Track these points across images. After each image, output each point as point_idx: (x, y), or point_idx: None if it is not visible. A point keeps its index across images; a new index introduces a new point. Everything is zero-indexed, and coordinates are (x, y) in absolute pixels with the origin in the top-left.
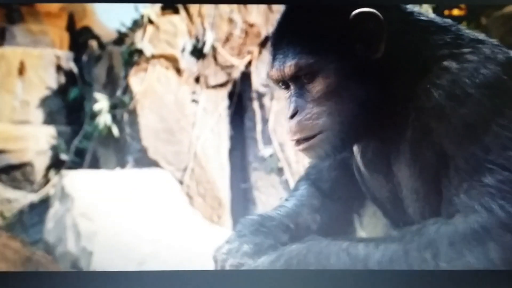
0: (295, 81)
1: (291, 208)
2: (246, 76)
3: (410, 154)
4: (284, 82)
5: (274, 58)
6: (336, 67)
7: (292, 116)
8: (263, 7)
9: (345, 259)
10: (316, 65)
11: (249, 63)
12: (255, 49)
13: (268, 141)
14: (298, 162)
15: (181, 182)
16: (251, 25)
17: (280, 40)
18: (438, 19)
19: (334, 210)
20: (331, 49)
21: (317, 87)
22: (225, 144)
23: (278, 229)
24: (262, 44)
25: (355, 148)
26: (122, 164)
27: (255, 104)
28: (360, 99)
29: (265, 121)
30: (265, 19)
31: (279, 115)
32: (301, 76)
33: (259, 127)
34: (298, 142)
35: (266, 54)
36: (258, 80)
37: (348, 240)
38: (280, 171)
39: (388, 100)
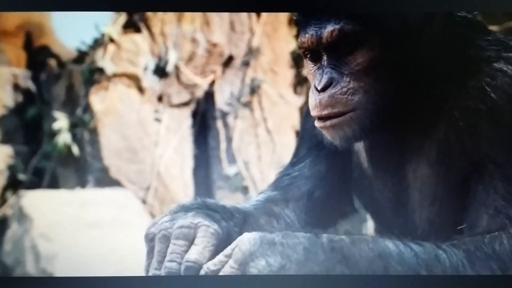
0: (331, 50)
1: (243, 207)
2: (209, 95)
3: (437, 155)
4: (315, 52)
5: (307, 24)
6: (383, 40)
7: (324, 89)
8: (226, 27)
9: (408, 262)
10: (362, 34)
11: (213, 82)
12: (219, 69)
13: (232, 159)
14: (263, 180)
15: (144, 202)
16: (214, 45)
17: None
18: (472, 16)
19: (297, 221)
20: (380, 20)
21: (358, 59)
22: (189, 163)
23: (224, 212)
24: (226, 64)
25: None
26: (83, 184)
27: (219, 123)
28: (399, 80)
29: (229, 139)
30: (228, 39)
31: (243, 133)
32: (341, 45)
33: (223, 145)
34: (323, 118)
35: (230, 73)
36: (222, 99)
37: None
38: (244, 189)
39: (422, 93)
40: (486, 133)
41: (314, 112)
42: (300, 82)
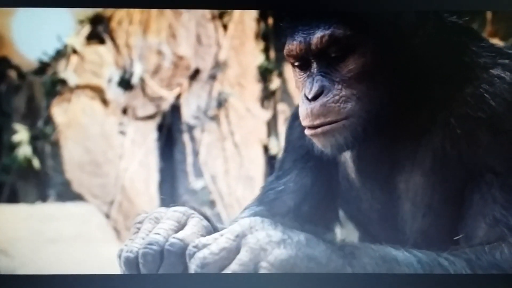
0: (321, 57)
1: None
2: (175, 108)
3: (432, 164)
4: (303, 60)
5: (294, 31)
6: (375, 45)
7: (315, 98)
8: (192, 40)
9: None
10: (354, 39)
11: (179, 95)
12: (185, 82)
13: (199, 173)
14: (231, 195)
15: (107, 216)
16: (181, 58)
17: (305, 10)
18: (463, 22)
19: None
20: (372, 24)
21: (350, 65)
22: (154, 176)
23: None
24: (192, 77)
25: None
26: (43, 198)
27: (186, 137)
28: (393, 87)
29: (195, 153)
30: (195, 52)
31: (210, 147)
32: (331, 51)
33: (189, 159)
34: (314, 127)
35: (197, 86)
36: (188, 112)
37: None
38: (212, 204)
39: (416, 100)
40: (485, 141)
41: (305, 122)
42: (268, 96)
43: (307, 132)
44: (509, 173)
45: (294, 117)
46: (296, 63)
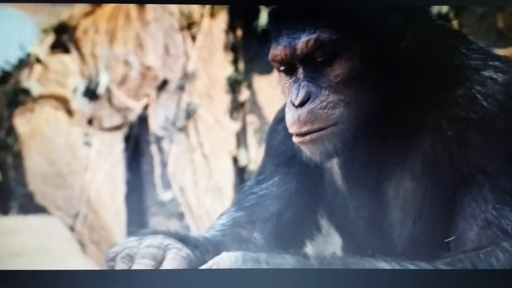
0: (307, 62)
1: (212, 236)
2: (143, 119)
3: (423, 168)
4: (289, 65)
5: (279, 35)
6: (362, 49)
7: (302, 104)
8: (160, 50)
9: None
10: (340, 43)
11: (146, 106)
12: (153, 92)
13: (167, 185)
14: (200, 207)
15: (72, 229)
16: (148, 68)
17: (289, 14)
18: (451, 25)
19: (265, 244)
20: (358, 27)
21: (337, 70)
22: (121, 188)
23: (197, 242)
24: (160, 87)
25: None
26: (5, 211)
27: (153, 148)
28: (382, 90)
29: (164, 164)
30: (163, 63)
31: (178, 158)
32: (317, 56)
33: (157, 171)
34: (302, 134)
35: (165, 97)
36: (156, 123)
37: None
38: (180, 216)
39: (405, 103)
40: (477, 142)
41: (292, 129)
42: (237, 107)
43: (295, 139)
44: (500, 174)
45: (278, 121)
46: (282, 68)
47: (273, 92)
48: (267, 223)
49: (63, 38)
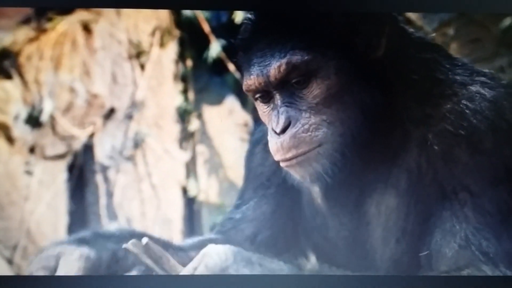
0: (283, 88)
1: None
2: (88, 148)
3: (408, 185)
4: (264, 92)
5: (250, 64)
6: (337, 65)
7: (284, 130)
8: (107, 78)
9: None
10: (313, 63)
11: (92, 134)
12: (99, 120)
13: (113, 216)
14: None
15: (10, 262)
16: (95, 96)
17: (257, 41)
18: (430, 38)
19: None
20: (329, 44)
21: (314, 91)
22: (64, 219)
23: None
24: (107, 116)
25: None
26: None
27: (99, 177)
28: (364, 105)
29: (109, 195)
30: (110, 91)
31: (125, 188)
32: (292, 79)
33: (103, 201)
34: (289, 159)
35: (111, 125)
36: (102, 152)
37: None
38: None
39: (388, 118)
40: (463, 159)
41: (277, 157)
42: (186, 137)
43: (283, 165)
44: (484, 194)
45: (254, 144)
46: (258, 97)
47: (223, 122)
48: (241, 246)
49: (5, 64)
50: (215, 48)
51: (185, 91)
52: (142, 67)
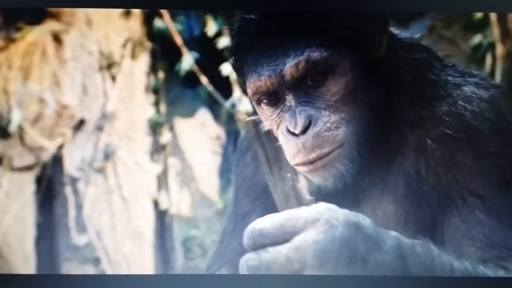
0: (297, 87)
1: None
2: (57, 160)
3: (406, 190)
4: (272, 94)
5: (257, 65)
6: (351, 62)
7: (305, 130)
8: (78, 89)
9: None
10: (331, 60)
11: (61, 146)
12: (68, 132)
13: (82, 228)
14: (118, 251)
15: None
16: (64, 107)
17: (262, 41)
18: (417, 40)
19: None
20: (341, 41)
21: (332, 88)
22: (31, 232)
23: None
24: (77, 127)
25: (302, 181)
26: None
27: (68, 189)
28: (373, 104)
29: (79, 207)
30: (80, 102)
31: (95, 201)
32: (308, 77)
33: (72, 213)
34: (311, 162)
35: (81, 137)
36: (72, 164)
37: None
38: (96, 261)
39: (385, 120)
40: (468, 164)
41: (298, 159)
42: (158, 150)
43: (303, 169)
44: (494, 197)
45: (244, 152)
46: (265, 100)
47: (195, 135)
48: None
49: None
50: (187, 61)
51: (156, 103)
52: (113, 78)
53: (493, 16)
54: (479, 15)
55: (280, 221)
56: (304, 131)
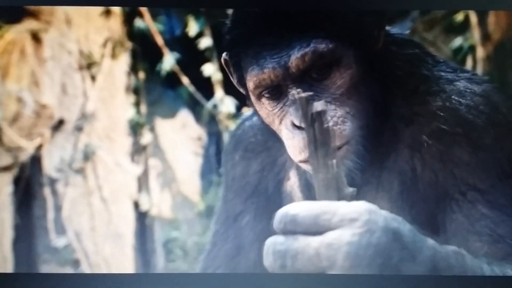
0: (301, 80)
1: None
2: (36, 160)
3: (401, 189)
4: (276, 88)
5: (258, 58)
6: (355, 54)
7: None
8: (57, 89)
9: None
10: (337, 52)
11: (40, 146)
12: (47, 132)
13: (61, 230)
14: (98, 253)
15: None
16: (43, 106)
17: (263, 34)
18: (407, 35)
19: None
20: (343, 34)
21: (337, 81)
22: (9, 233)
23: None
24: (56, 127)
25: (294, 178)
26: None
27: (47, 191)
28: (373, 98)
29: (58, 208)
30: (59, 102)
31: (75, 202)
32: (313, 70)
33: (50, 215)
34: None
35: (60, 137)
36: (51, 164)
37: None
38: (76, 263)
39: (378, 116)
40: (464, 158)
41: (304, 155)
42: (138, 150)
43: (309, 166)
44: (495, 190)
45: (231, 151)
46: (266, 94)
47: (177, 136)
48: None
49: None
50: (168, 61)
51: (137, 104)
52: (93, 78)
53: (473, 18)
54: (460, 17)
55: (316, 212)
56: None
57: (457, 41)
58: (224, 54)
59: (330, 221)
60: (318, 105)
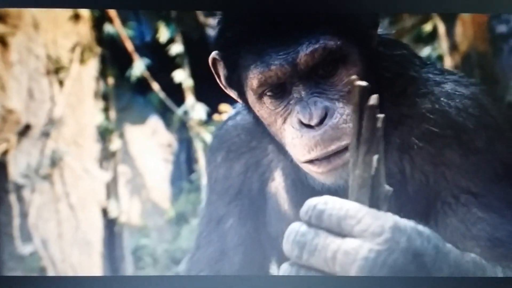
0: (308, 77)
1: None
2: (1, 166)
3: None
4: (281, 86)
5: (263, 55)
6: (359, 52)
7: (321, 121)
8: (24, 94)
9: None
10: (345, 49)
11: (6, 151)
12: (13, 137)
13: (27, 237)
14: (65, 261)
15: None
16: (10, 111)
17: (267, 31)
18: (393, 36)
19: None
20: (352, 29)
21: (344, 78)
22: None
23: None
24: (22, 133)
25: (279, 179)
26: None
27: (12, 197)
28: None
29: (24, 215)
30: (26, 107)
31: (41, 209)
32: (321, 66)
33: (16, 222)
34: (327, 158)
35: (27, 143)
36: (17, 170)
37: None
38: (42, 271)
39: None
40: (456, 161)
41: (315, 153)
42: (107, 157)
43: (314, 168)
44: (488, 192)
45: (213, 152)
46: (269, 93)
47: (146, 142)
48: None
49: None
50: (138, 67)
51: (106, 110)
52: (61, 83)
53: (441, 29)
54: (428, 28)
55: (342, 214)
56: (320, 122)
57: (426, 51)
58: (214, 53)
59: (353, 227)
60: (374, 99)
